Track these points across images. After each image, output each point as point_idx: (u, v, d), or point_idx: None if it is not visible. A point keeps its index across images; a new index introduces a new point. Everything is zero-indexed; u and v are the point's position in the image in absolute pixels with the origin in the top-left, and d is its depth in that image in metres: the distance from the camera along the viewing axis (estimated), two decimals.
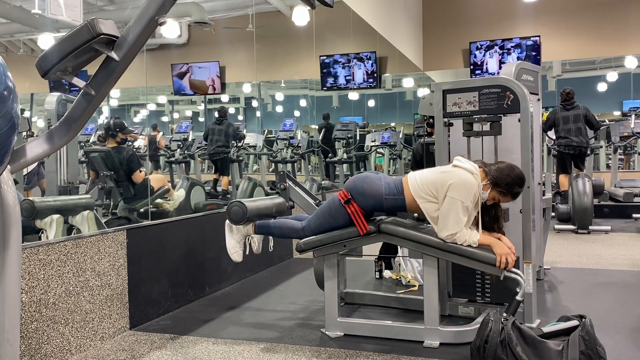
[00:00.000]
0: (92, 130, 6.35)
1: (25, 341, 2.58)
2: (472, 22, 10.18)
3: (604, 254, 5.37)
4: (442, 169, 2.94)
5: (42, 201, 3.61)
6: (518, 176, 2.83)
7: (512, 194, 2.85)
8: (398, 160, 9.57)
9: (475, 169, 2.83)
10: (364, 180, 2.98)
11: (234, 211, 3.18)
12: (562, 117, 6.94)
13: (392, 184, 2.95)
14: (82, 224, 3.47)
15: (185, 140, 7.61)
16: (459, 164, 2.86)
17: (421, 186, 2.86)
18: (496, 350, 2.35)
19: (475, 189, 2.77)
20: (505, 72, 3.62)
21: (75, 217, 3.49)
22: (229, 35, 8.05)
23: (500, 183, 2.80)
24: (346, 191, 2.99)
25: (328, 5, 2.38)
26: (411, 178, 2.93)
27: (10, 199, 1.60)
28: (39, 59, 1.68)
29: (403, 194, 2.91)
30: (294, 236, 3.22)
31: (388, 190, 2.92)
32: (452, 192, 2.75)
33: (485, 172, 2.84)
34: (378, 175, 3.02)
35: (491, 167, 2.86)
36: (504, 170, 2.83)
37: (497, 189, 2.82)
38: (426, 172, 2.98)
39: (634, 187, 8.26)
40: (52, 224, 3.31)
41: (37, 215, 3.33)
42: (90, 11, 5.18)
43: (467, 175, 2.79)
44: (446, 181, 2.79)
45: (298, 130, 8.39)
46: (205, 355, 2.84)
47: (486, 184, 2.81)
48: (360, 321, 3.17)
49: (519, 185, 2.85)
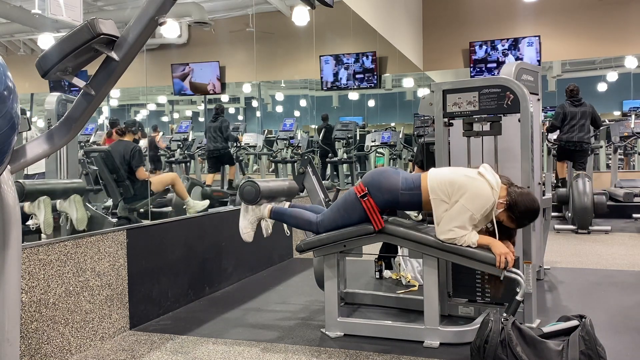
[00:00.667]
0: (92, 130, 6.36)
1: (25, 341, 2.58)
2: (472, 22, 10.18)
3: (604, 254, 5.38)
4: (467, 172, 2.88)
5: (32, 183, 3.58)
6: (534, 210, 2.78)
7: (520, 223, 2.82)
8: (398, 160, 9.57)
9: (497, 184, 2.77)
10: (381, 174, 2.96)
11: (247, 190, 3.17)
12: (570, 112, 6.89)
13: (409, 179, 2.92)
14: (70, 209, 3.46)
15: (185, 141, 7.62)
16: (484, 172, 2.81)
17: (439, 183, 2.82)
18: (496, 350, 2.35)
19: (489, 205, 2.73)
20: (505, 72, 3.62)
21: (64, 203, 3.47)
22: (229, 35, 8.05)
23: (515, 209, 2.75)
24: (363, 185, 2.97)
25: (328, 5, 2.38)
26: (431, 174, 2.89)
27: (10, 199, 1.60)
28: (39, 59, 1.68)
29: (420, 190, 2.86)
30: (307, 229, 3.19)
31: (405, 184, 2.89)
32: (465, 200, 2.73)
33: (507, 192, 2.78)
34: (396, 170, 3.00)
35: (515, 189, 2.79)
36: (525, 198, 2.76)
37: (509, 212, 2.77)
38: (448, 170, 2.95)
39: (634, 187, 8.26)
40: (40, 206, 3.28)
41: (27, 197, 3.29)
42: (90, 11, 5.18)
43: (486, 189, 2.74)
44: (464, 187, 2.75)
45: (298, 130, 8.39)
46: (205, 355, 2.84)
47: (502, 203, 2.76)
48: (360, 321, 3.17)
49: (529, 219, 2.82)
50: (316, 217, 3.13)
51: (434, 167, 3.09)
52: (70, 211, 3.46)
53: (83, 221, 3.51)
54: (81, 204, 3.51)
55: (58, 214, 3.49)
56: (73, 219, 3.40)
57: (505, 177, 2.92)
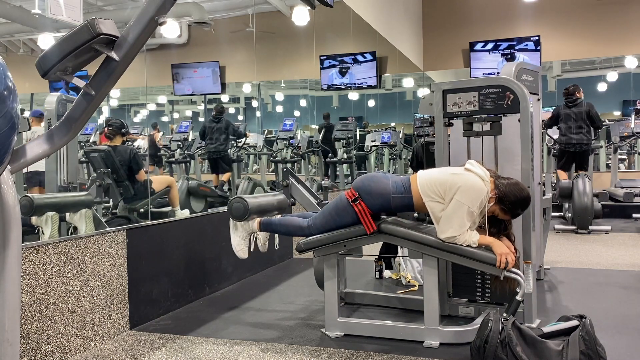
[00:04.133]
0: (92, 130, 6.35)
1: (25, 341, 2.58)
2: (472, 22, 10.18)
3: (604, 254, 5.37)
4: (453, 170, 2.91)
5: (41, 198, 3.60)
6: (525, 198, 2.79)
7: (513, 213, 2.83)
8: (398, 160, 9.58)
9: (487, 175, 2.80)
10: (371, 180, 2.97)
11: (236, 207, 3.18)
12: (564, 114, 6.92)
13: (399, 182, 2.93)
14: (80, 222, 3.47)
15: (185, 140, 7.61)
16: (471, 167, 2.83)
17: (429, 185, 2.84)
18: (496, 350, 2.35)
19: (483, 195, 2.74)
20: (505, 72, 3.62)
21: (74, 216, 3.49)
22: (229, 35, 8.05)
23: (505, 200, 2.76)
24: (354, 190, 2.98)
25: (328, 5, 2.38)
26: (420, 176, 2.91)
27: (10, 199, 1.60)
28: (39, 59, 1.68)
29: (410, 192, 2.88)
30: (299, 234, 3.19)
31: (395, 188, 2.91)
32: (459, 195, 2.73)
33: (495, 185, 2.79)
34: (385, 175, 3.02)
35: (502, 180, 2.81)
36: (513, 188, 2.78)
37: (500, 205, 2.78)
38: (436, 171, 2.97)
39: (634, 187, 8.26)
40: (48, 222, 3.30)
41: (36, 211, 3.31)
42: (90, 11, 5.18)
43: (477, 181, 2.76)
44: (455, 183, 2.76)
45: (298, 130, 8.39)
46: (205, 355, 2.84)
47: (492, 197, 2.77)
48: (360, 321, 3.17)
49: (522, 208, 2.82)
50: (307, 222, 3.14)
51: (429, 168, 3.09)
52: (80, 225, 3.48)
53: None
54: (91, 218, 3.53)
55: (68, 228, 3.51)
56: (81, 232, 3.41)
57: (492, 171, 2.94)
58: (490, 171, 2.90)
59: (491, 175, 2.85)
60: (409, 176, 2.97)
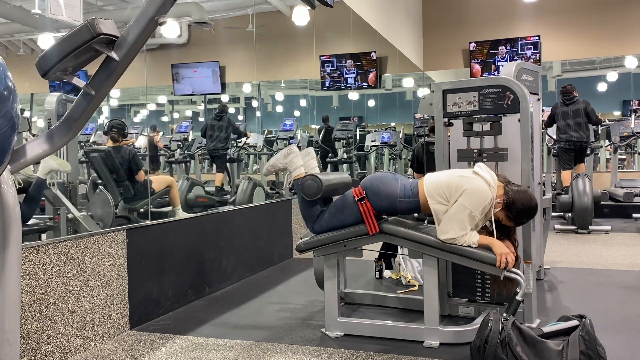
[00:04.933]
0: (92, 130, 6.35)
1: (25, 341, 2.58)
2: (472, 22, 10.18)
3: (604, 254, 5.37)
4: (461, 172, 2.89)
5: None
6: (532, 207, 2.77)
7: (518, 222, 2.81)
8: (398, 160, 9.57)
9: (494, 181, 2.78)
10: (380, 181, 2.94)
11: (308, 185, 3.03)
12: (561, 112, 6.94)
13: (408, 186, 2.90)
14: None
15: (185, 140, 7.61)
16: (480, 171, 2.81)
17: (436, 187, 2.82)
18: (496, 350, 2.35)
19: (487, 202, 2.72)
20: (505, 72, 3.62)
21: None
22: (229, 35, 8.05)
23: (512, 207, 2.74)
24: (362, 189, 2.96)
25: (328, 5, 2.38)
26: (427, 179, 2.89)
27: (10, 199, 1.60)
28: (39, 59, 1.68)
29: (418, 197, 2.86)
30: (307, 222, 3.13)
31: (403, 192, 2.88)
32: (463, 198, 2.72)
33: (505, 190, 2.77)
34: (395, 177, 2.98)
35: (512, 187, 2.79)
36: (522, 196, 2.75)
37: (506, 211, 2.76)
38: (443, 173, 2.96)
39: (634, 187, 8.27)
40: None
41: None
42: (90, 11, 5.18)
43: (483, 186, 2.74)
44: (461, 186, 2.75)
45: (298, 130, 8.39)
46: (205, 355, 2.84)
47: (499, 202, 2.75)
48: (360, 321, 3.17)
49: (527, 217, 2.81)
50: (317, 215, 3.10)
51: (434, 168, 3.08)
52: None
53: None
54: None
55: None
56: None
57: (502, 176, 2.91)
58: (500, 176, 2.88)
59: (501, 180, 2.83)
60: (417, 181, 2.94)
